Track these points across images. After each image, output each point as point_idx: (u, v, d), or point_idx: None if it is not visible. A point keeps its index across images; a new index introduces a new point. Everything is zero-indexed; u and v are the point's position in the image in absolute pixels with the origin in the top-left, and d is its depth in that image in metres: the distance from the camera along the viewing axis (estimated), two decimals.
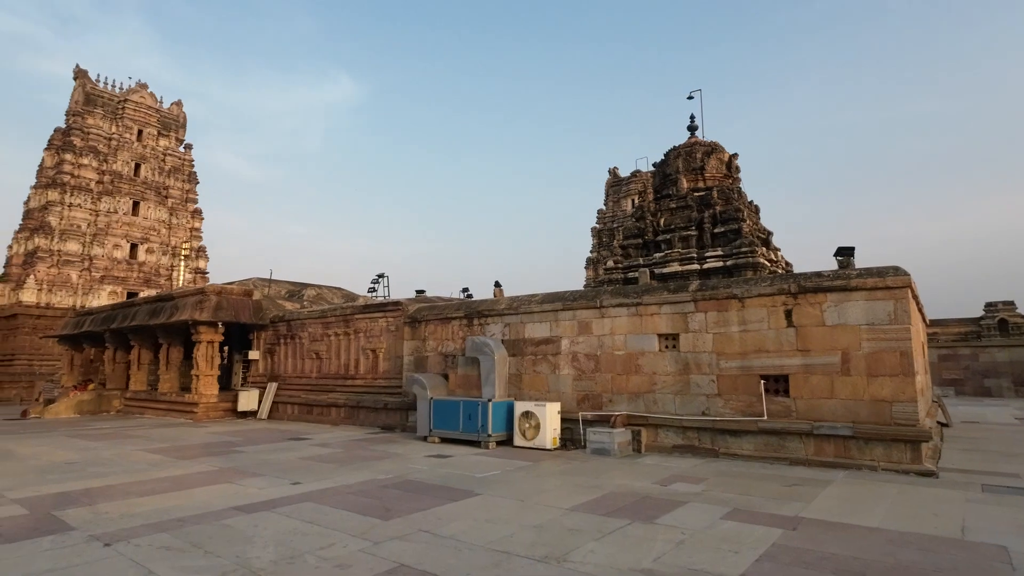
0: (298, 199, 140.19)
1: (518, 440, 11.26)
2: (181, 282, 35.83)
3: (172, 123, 39.85)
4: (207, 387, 18.50)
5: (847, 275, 9.18)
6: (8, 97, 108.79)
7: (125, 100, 37.45)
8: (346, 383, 16.72)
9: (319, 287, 25.17)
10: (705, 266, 15.10)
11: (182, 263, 36.93)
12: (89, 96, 36.30)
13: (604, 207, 42.47)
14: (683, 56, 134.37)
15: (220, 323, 18.36)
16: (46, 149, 35.66)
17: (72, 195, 33.67)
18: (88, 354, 25.02)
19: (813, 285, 9.36)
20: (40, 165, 35.55)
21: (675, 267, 15.23)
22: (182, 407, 18.75)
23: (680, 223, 15.98)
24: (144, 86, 39.04)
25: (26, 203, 35.43)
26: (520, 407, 11.36)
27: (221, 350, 19.84)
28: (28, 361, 30.56)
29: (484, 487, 7.54)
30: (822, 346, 9.20)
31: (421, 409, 12.59)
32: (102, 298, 32.64)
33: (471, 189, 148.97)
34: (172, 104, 40.41)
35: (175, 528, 5.66)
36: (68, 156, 34.01)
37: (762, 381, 9.56)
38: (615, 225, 40.55)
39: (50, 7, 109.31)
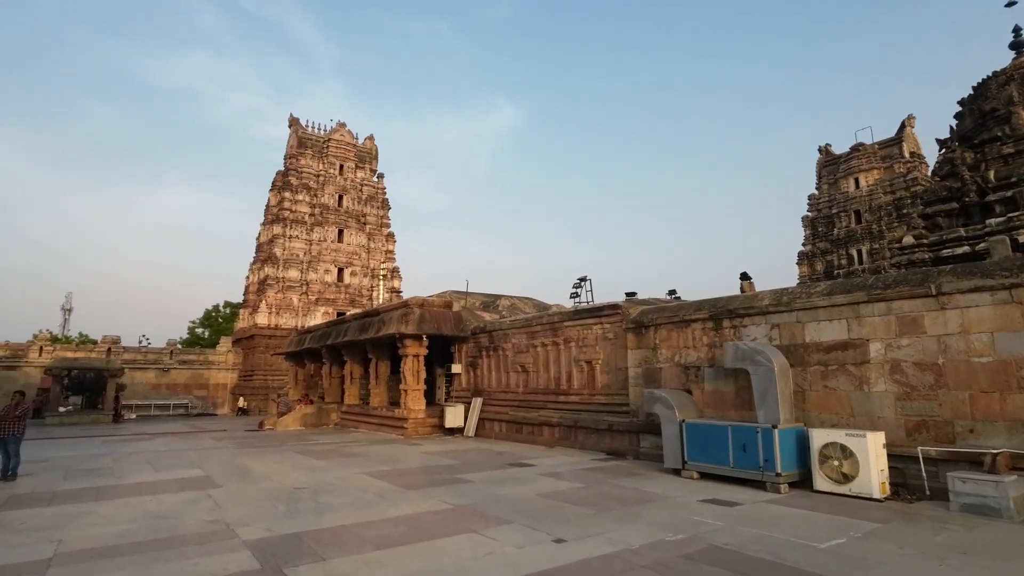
0: (471, 221, 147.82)
1: (820, 483, 8.15)
2: (380, 301, 37.90)
3: (366, 156, 43.02)
4: (415, 402, 18.04)
5: None
6: (246, 159, 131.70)
7: (328, 140, 41.24)
8: (558, 399, 14.85)
9: (511, 297, 24.13)
10: None
11: (381, 283, 39.19)
12: (301, 140, 40.60)
13: (816, 191, 36.15)
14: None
15: (424, 336, 17.84)
16: (270, 190, 40.54)
17: (291, 228, 37.55)
18: (309, 369, 26.88)
19: None
20: (266, 204, 40.49)
21: None
22: (392, 422, 18.54)
23: None
24: (343, 125, 42.72)
25: (257, 238, 40.58)
26: (820, 436, 8.25)
27: (424, 364, 19.41)
28: (264, 376, 34.32)
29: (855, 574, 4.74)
30: None
31: (668, 434, 10.05)
32: (317, 318, 35.63)
33: (657, 196, 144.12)
34: (365, 139, 43.70)
35: None
36: (287, 194, 38.10)
37: None
38: (833, 210, 34.19)
39: (271, 79, 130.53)
